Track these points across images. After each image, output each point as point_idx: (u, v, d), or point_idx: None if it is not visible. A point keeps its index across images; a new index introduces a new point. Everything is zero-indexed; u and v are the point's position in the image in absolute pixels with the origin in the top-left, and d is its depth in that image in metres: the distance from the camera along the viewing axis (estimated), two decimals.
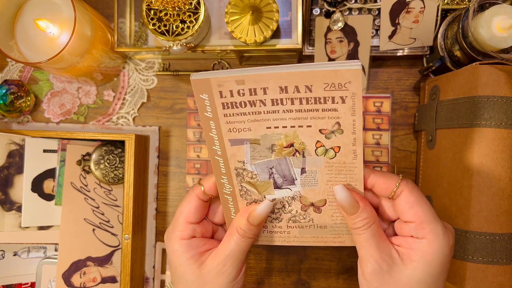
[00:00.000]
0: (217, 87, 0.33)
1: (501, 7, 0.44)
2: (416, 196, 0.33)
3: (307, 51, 0.53)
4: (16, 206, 0.54)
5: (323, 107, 0.32)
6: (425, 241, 0.33)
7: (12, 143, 0.54)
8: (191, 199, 0.38)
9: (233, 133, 0.35)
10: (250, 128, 0.34)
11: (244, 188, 0.37)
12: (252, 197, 0.38)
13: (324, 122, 0.33)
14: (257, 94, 0.32)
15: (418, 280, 0.33)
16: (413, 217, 0.33)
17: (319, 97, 0.32)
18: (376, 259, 0.33)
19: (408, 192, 0.33)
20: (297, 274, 0.57)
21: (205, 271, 0.36)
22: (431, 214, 0.33)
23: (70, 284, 0.54)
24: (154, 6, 0.47)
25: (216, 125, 0.35)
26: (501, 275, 0.41)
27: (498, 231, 0.41)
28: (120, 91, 0.58)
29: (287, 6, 0.50)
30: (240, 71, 0.32)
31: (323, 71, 0.30)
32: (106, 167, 0.55)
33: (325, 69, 0.30)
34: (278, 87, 0.32)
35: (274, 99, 0.33)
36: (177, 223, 0.38)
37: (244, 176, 0.37)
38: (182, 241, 0.37)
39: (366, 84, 0.55)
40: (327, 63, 0.30)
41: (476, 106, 0.42)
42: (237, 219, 0.37)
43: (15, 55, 0.48)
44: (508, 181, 0.41)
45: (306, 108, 0.33)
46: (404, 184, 0.34)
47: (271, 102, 0.33)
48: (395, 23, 0.50)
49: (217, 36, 0.51)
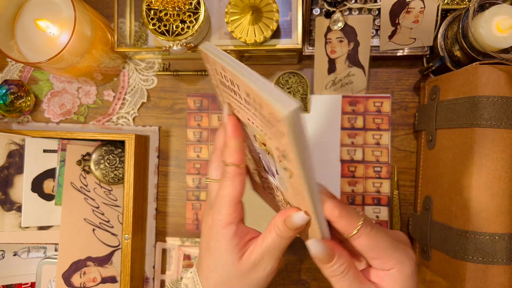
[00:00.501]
0: (212, 64, 0.32)
1: (501, 7, 0.44)
2: (374, 238, 0.33)
3: (307, 51, 0.53)
4: (16, 206, 0.54)
5: (272, 130, 0.28)
6: (394, 271, 0.34)
7: (12, 143, 0.54)
8: (233, 171, 0.35)
9: (230, 107, 0.34)
10: (239, 112, 0.33)
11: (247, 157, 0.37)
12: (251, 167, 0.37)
13: (277, 142, 0.28)
14: (234, 86, 0.30)
15: None
16: (376, 255, 0.33)
17: (266, 119, 0.27)
18: None
19: (365, 236, 0.33)
20: (297, 274, 0.57)
21: (243, 262, 0.35)
22: (390, 247, 0.33)
23: (70, 284, 0.54)
24: (154, 6, 0.47)
25: (220, 94, 0.35)
26: (501, 275, 0.41)
27: (498, 231, 0.41)
28: (120, 91, 0.58)
29: (287, 6, 0.50)
30: (227, 61, 0.29)
31: (258, 94, 0.25)
32: (106, 167, 0.55)
33: (258, 91, 0.25)
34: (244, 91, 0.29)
35: (244, 98, 0.30)
36: (224, 204, 0.35)
37: (245, 150, 0.36)
38: (231, 226, 0.35)
39: (366, 84, 0.55)
40: (266, 86, 0.25)
41: (476, 106, 0.42)
42: (277, 218, 0.35)
43: (15, 55, 0.48)
44: (508, 181, 0.41)
45: (263, 123, 0.29)
46: (362, 230, 0.33)
47: (244, 100, 0.30)
48: (395, 23, 0.50)
49: (217, 36, 0.51)
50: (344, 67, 0.53)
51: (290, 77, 0.56)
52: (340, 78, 0.54)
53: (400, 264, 0.34)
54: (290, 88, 0.56)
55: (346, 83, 0.54)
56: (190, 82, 0.58)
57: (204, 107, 0.58)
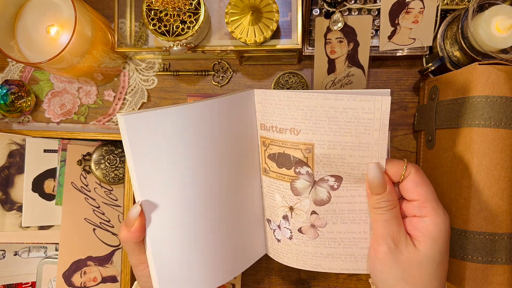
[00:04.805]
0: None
1: (500, 7, 0.44)
2: (421, 177, 0.36)
3: (307, 51, 0.53)
4: (16, 206, 0.54)
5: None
6: (428, 220, 0.35)
7: (12, 143, 0.54)
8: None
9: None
10: None
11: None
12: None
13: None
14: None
15: (427, 258, 0.35)
16: (418, 196, 0.36)
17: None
18: (393, 239, 0.36)
19: (414, 173, 0.36)
20: (297, 274, 0.57)
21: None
22: (433, 194, 0.36)
23: (70, 283, 0.54)
24: (154, 6, 0.47)
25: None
26: (500, 274, 0.41)
27: (497, 231, 0.41)
28: (121, 91, 0.59)
29: (287, 7, 0.50)
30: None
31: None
32: (106, 167, 0.55)
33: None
34: None
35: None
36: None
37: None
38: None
39: (366, 84, 0.55)
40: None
41: (476, 106, 0.42)
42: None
43: (15, 55, 0.48)
44: (508, 181, 0.41)
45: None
46: (411, 166, 0.36)
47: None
48: (395, 23, 0.51)
49: (217, 37, 0.51)
50: (344, 67, 0.53)
51: (290, 77, 0.56)
52: (339, 78, 0.54)
53: (436, 215, 0.35)
54: (290, 88, 0.56)
55: (345, 83, 0.54)
56: (190, 82, 0.58)
57: None
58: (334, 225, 0.40)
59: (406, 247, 0.35)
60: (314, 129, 0.37)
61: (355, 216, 0.40)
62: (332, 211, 0.40)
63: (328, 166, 0.38)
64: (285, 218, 0.42)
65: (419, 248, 0.35)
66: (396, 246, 0.35)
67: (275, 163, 0.41)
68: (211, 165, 0.38)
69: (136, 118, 0.33)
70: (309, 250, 0.42)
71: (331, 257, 0.41)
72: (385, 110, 0.34)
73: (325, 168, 0.38)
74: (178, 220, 0.37)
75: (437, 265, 0.35)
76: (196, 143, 0.37)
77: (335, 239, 0.41)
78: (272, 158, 0.41)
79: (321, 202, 0.40)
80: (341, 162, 0.38)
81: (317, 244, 0.41)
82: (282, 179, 0.41)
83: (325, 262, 0.42)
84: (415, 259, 0.35)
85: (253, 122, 0.41)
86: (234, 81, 0.58)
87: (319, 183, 0.39)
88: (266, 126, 0.40)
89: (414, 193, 0.36)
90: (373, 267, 0.37)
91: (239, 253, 0.43)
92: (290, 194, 0.40)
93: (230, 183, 0.41)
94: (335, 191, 0.39)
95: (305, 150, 0.38)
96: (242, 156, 0.41)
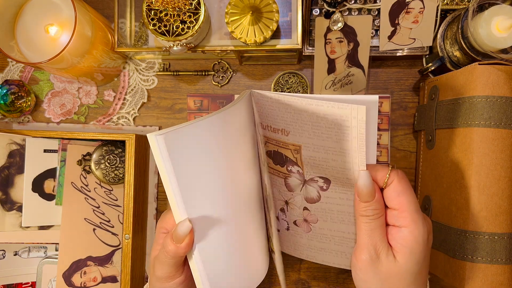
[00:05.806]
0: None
1: (500, 7, 0.44)
2: (403, 186, 0.35)
3: (307, 51, 0.53)
4: (16, 206, 0.54)
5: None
6: (406, 230, 0.35)
7: (12, 143, 0.54)
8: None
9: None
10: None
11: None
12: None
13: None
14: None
15: (406, 270, 0.35)
16: (398, 205, 0.35)
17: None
18: (376, 249, 0.35)
19: (397, 181, 0.35)
20: (297, 274, 0.57)
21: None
22: (414, 204, 0.35)
23: (70, 283, 0.54)
24: (154, 6, 0.47)
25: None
26: (500, 274, 0.41)
27: (497, 231, 0.41)
28: (121, 91, 0.59)
29: (287, 7, 0.50)
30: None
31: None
32: (106, 167, 0.55)
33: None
34: None
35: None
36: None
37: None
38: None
39: (366, 84, 0.55)
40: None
41: (476, 106, 0.42)
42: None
43: (15, 55, 0.48)
44: (508, 181, 0.41)
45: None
46: (394, 174, 0.36)
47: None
48: (395, 23, 0.51)
49: (217, 36, 0.51)
50: (344, 67, 0.53)
51: (290, 77, 0.56)
52: (339, 78, 0.54)
53: (414, 226, 0.35)
54: (290, 88, 0.56)
55: (345, 83, 0.54)
56: (190, 82, 0.58)
57: (204, 107, 0.58)
58: (325, 223, 0.42)
59: (386, 257, 0.35)
60: (301, 132, 0.38)
61: (344, 217, 0.41)
62: (322, 209, 0.42)
63: (316, 168, 0.39)
64: (282, 211, 0.46)
65: (398, 259, 0.35)
66: (378, 256, 0.35)
67: (271, 160, 0.43)
68: (239, 169, 0.39)
69: (175, 135, 0.32)
70: (303, 242, 0.46)
71: (323, 251, 0.44)
72: (361, 119, 0.34)
73: (314, 169, 0.40)
74: (222, 229, 0.37)
75: (415, 276, 0.35)
76: (226, 150, 0.37)
77: (326, 235, 0.43)
78: (269, 155, 0.43)
79: (312, 200, 0.42)
80: (325, 165, 0.39)
81: (310, 237, 0.45)
82: (277, 175, 0.44)
83: (319, 254, 0.45)
84: (394, 270, 0.35)
85: (255, 121, 0.42)
86: (234, 81, 0.58)
87: (309, 182, 0.41)
88: (262, 125, 0.42)
89: (395, 201, 0.35)
90: (355, 275, 0.38)
91: (264, 251, 0.45)
92: (285, 190, 0.44)
93: (252, 185, 0.42)
94: (325, 192, 0.40)
95: (294, 151, 0.40)
96: (255, 156, 0.43)
